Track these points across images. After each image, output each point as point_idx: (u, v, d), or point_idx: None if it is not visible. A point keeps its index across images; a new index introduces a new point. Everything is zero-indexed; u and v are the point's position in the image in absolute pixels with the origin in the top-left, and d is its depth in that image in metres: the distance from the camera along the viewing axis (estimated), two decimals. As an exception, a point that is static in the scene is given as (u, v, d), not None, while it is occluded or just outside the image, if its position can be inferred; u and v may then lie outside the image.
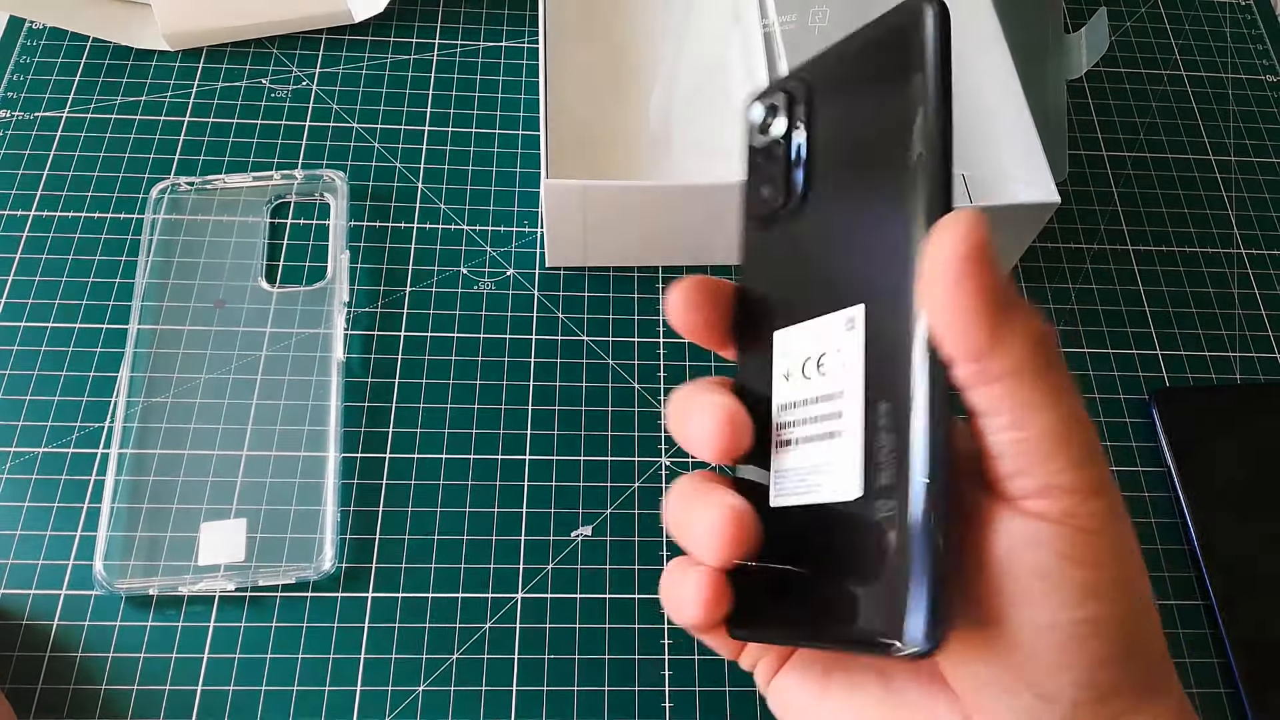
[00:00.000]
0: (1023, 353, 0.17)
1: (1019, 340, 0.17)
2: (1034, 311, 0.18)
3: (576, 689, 0.35)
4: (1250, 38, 0.54)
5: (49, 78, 0.46)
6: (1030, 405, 0.18)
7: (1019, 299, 0.18)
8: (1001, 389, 0.18)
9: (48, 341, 0.40)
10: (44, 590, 0.35)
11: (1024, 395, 0.18)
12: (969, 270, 0.17)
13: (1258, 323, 0.45)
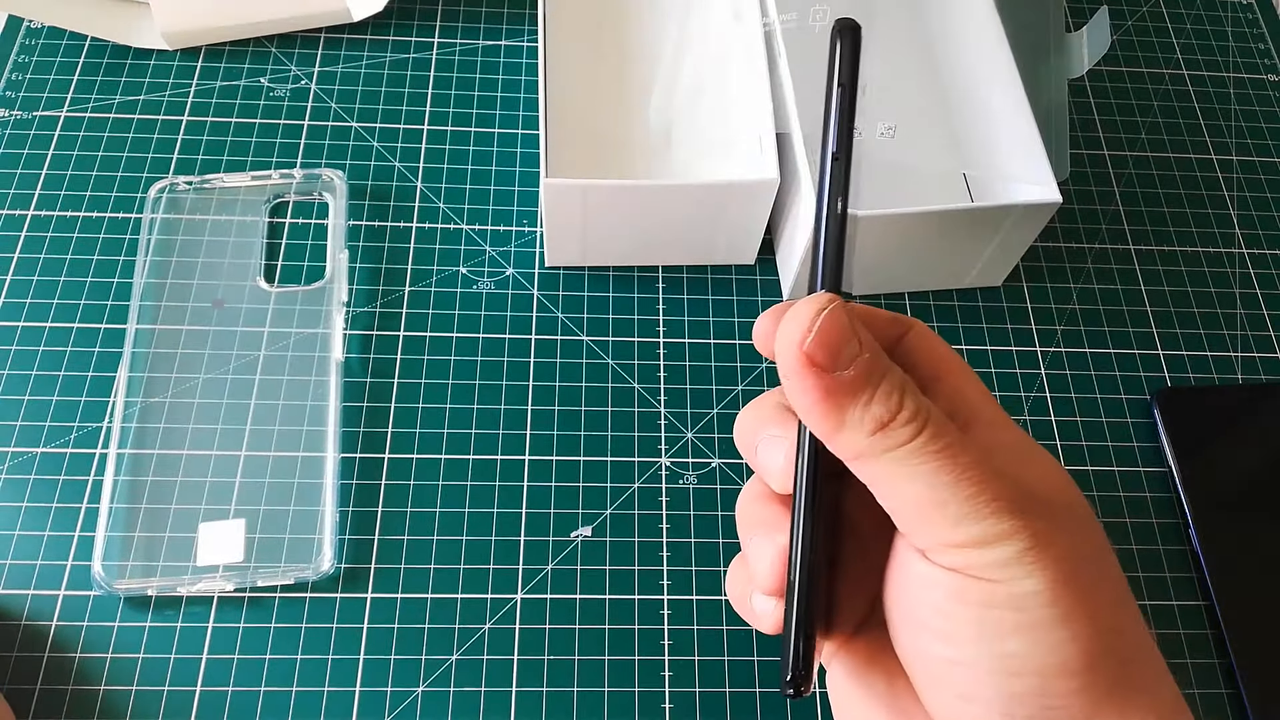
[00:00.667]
0: (864, 443, 0.19)
1: (861, 430, 0.19)
2: (892, 386, 0.19)
3: (576, 690, 0.35)
4: (1252, 36, 0.54)
5: (47, 77, 0.46)
6: (889, 481, 0.19)
7: (866, 387, 0.19)
8: (861, 471, 0.19)
9: (46, 341, 0.40)
10: (42, 591, 0.35)
11: (876, 478, 0.19)
12: (804, 365, 0.19)
13: (1260, 322, 0.45)
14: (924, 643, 0.19)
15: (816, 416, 0.19)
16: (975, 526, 0.18)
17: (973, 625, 0.18)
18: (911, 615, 0.19)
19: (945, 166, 0.44)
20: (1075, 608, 0.18)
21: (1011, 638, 0.18)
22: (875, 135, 0.41)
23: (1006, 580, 0.18)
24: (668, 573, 0.37)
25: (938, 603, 0.19)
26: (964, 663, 0.18)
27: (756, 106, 0.41)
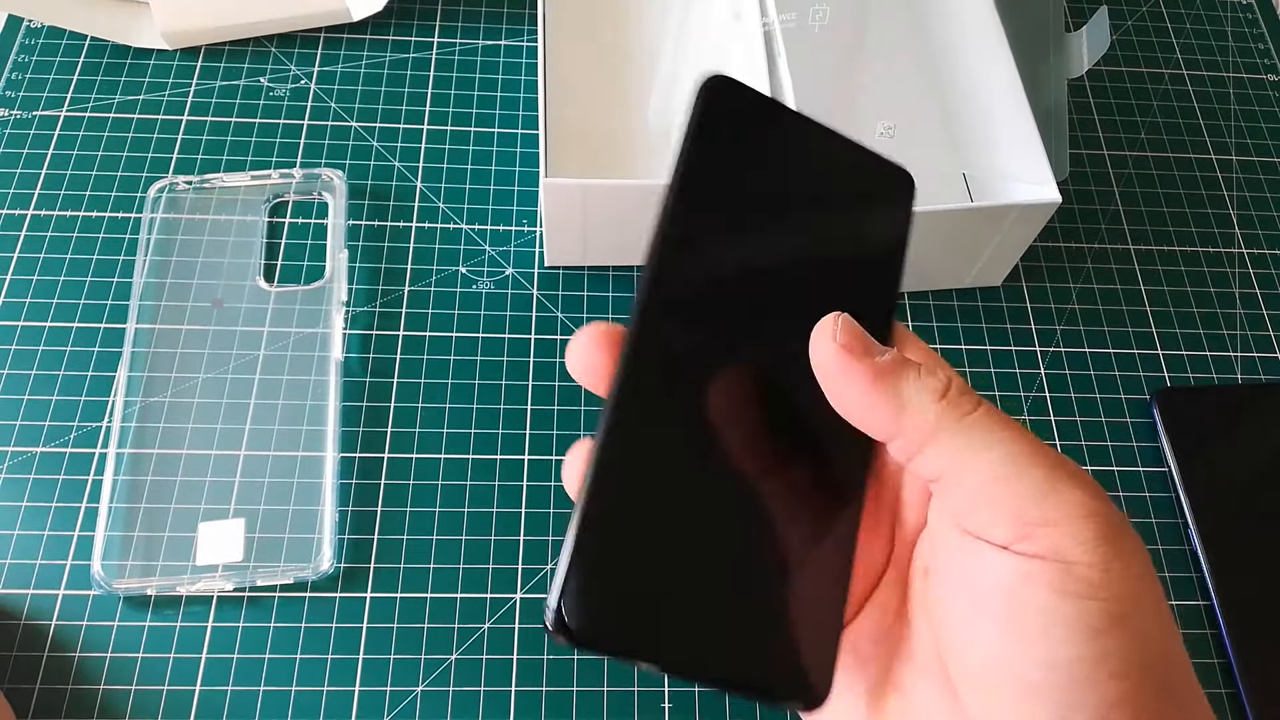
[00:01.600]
0: (931, 413, 0.18)
1: (925, 403, 0.18)
2: (933, 365, 0.19)
3: (575, 689, 0.35)
4: (1251, 36, 0.54)
5: (47, 76, 0.46)
6: (961, 459, 0.18)
7: (911, 362, 0.19)
8: (931, 453, 0.18)
9: (45, 341, 0.40)
10: (42, 590, 0.35)
11: (951, 453, 0.18)
12: (846, 355, 0.19)
13: (1259, 322, 0.45)
14: (979, 638, 0.18)
15: (873, 404, 0.18)
16: (1060, 495, 0.17)
17: (1044, 615, 0.17)
18: (963, 612, 0.18)
19: (944, 166, 0.44)
20: (1158, 604, 0.17)
21: (1091, 630, 0.16)
22: (875, 135, 0.41)
23: (1104, 562, 0.17)
24: (667, 572, 0.37)
25: (1007, 592, 0.17)
26: (1028, 657, 0.17)
27: (756, 106, 0.41)
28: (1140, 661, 0.17)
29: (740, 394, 0.20)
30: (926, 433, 0.18)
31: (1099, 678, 0.16)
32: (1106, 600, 0.17)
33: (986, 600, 0.17)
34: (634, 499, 0.19)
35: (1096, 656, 0.16)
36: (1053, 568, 0.17)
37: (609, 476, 0.19)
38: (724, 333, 0.21)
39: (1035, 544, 0.17)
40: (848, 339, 0.19)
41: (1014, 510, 0.17)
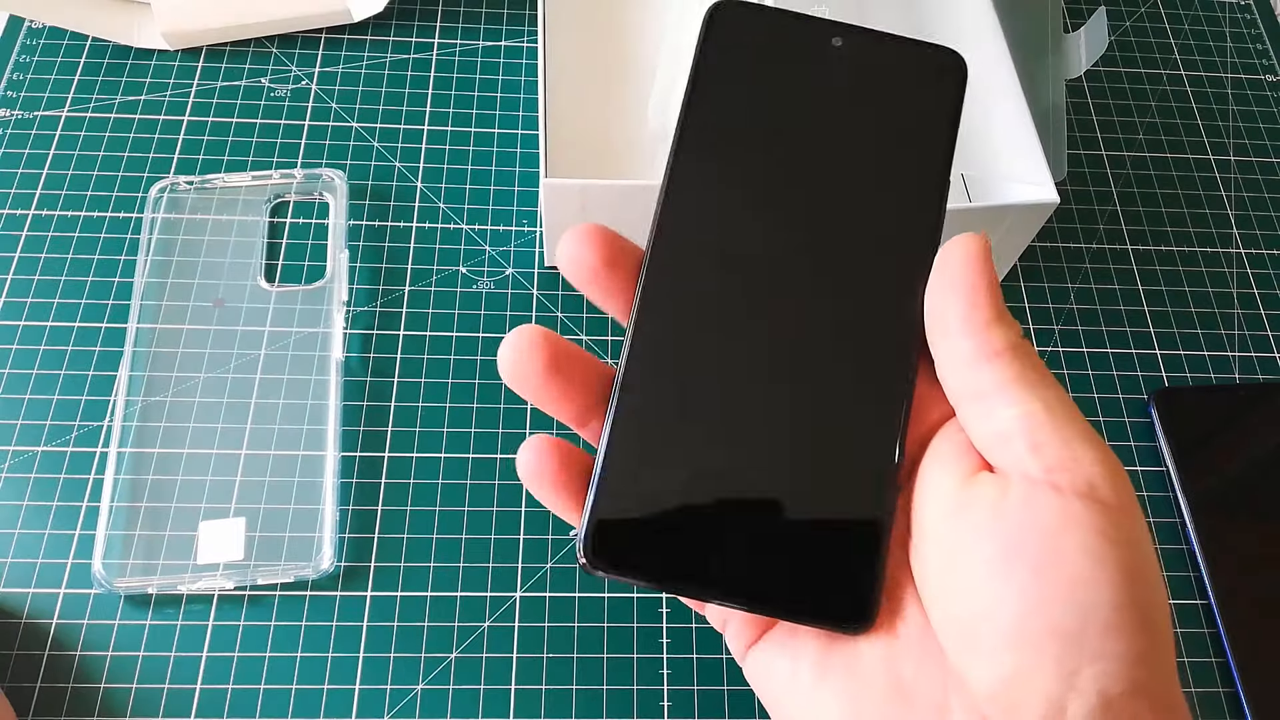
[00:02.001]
0: (1017, 333, 0.19)
1: (1014, 324, 0.19)
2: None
3: (575, 688, 0.35)
4: (1250, 37, 0.54)
5: (48, 77, 0.46)
6: (1031, 380, 0.18)
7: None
8: (1004, 363, 0.18)
9: (46, 340, 0.40)
10: (43, 589, 0.35)
11: (1025, 370, 0.18)
12: (985, 263, 0.19)
13: (1257, 323, 0.45)
14: (1001, 583, 0.17)
15: (993, 301, 0.19)
16: (1096, 445, 0.18)
17: (1090, 559, 0.16)
18: (983, 554, 0.17)
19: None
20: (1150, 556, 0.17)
21: (1131, 576, 0.16)
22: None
23: (1133, 510, 0.17)
24: (666, 571, 0.37)
25: (1046, 532, 0.17)
26: (1067, 601, 0.16)
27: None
28: (1162, 616, 0.17)
29: (764, 304, 0.20)
30: (1005, 344, 0.18)
31: (1133, 627, 0.16)
32: (1140, 547, 0.17)
33: (1020, 542, 0.17)
34: (659, 419, 0.19)
35: (1133, 604, 0.16)
36: (1096, 509, 0.17)
37: (632, 399, 0.19)
38: (748, 247, 0.20)
39: (1071, 476, 0.17)
40: (987, 248, 0.19)
41: (1060, 439, 0.17)
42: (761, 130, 0.21)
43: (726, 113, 0.21)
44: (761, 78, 0.21)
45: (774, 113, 0.21)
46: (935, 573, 0.18)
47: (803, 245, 0.20)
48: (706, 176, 0.20)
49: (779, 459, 0.19)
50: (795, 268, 0.20)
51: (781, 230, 0.20)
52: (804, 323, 0.20)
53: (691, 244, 0.20)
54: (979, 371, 0.18)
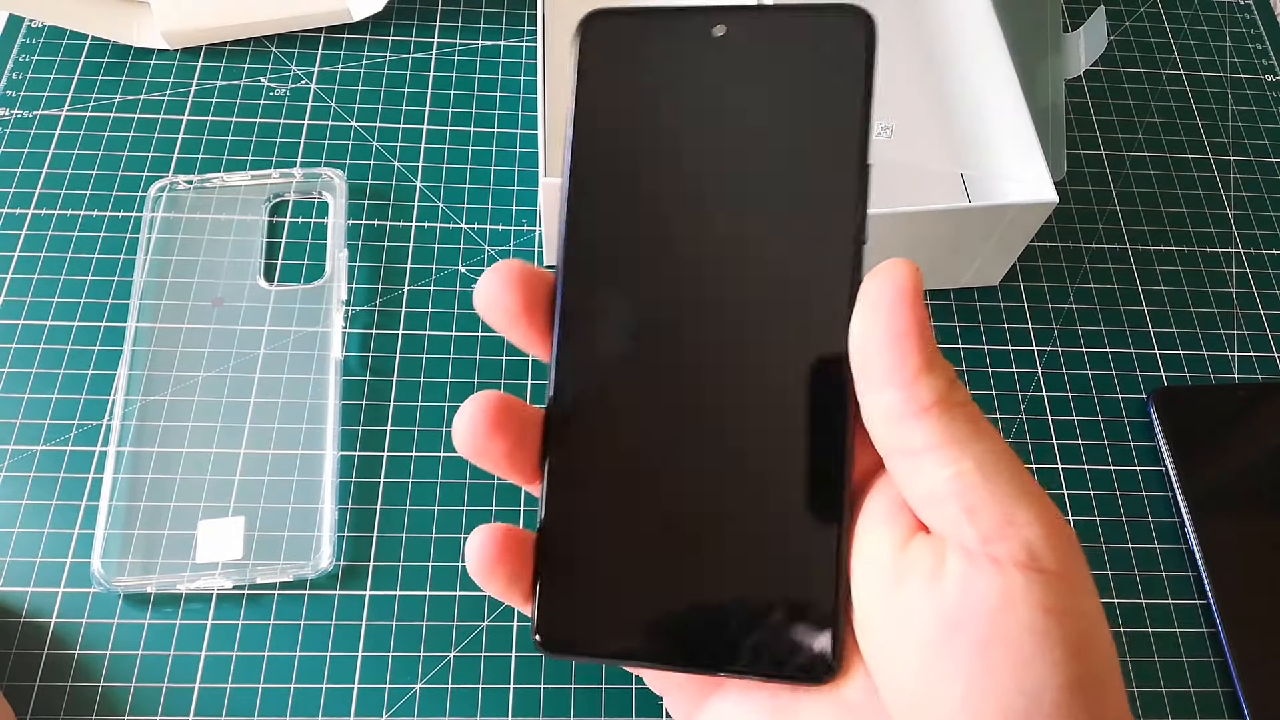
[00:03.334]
0: (948, 383, 0.17)
1: (945, 372, 0.17)
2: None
3: (573, 687, 0.35)
4: (1249, 37, 0.54)
5: (48, 76, 0.46)
6: (964, 436, 0.17)
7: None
8: (933, 418, 0.17)
9: (46, 339, 0.40)
10: (42, 588, 0.35)
11: (956, 426, 0.17)
12: (914, 300, 0.17)
13: (1256, 322, 0.45)
14: (944, 666, 0.16)
15: (908, 349, 0.17)
16: (1043, 502, 0.16)
17: (1035, 637, 0.16)
18: (924, 636, 0.17)
19: (942, 166, 0.44)
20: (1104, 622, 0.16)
21: (1078, 650, 0.16)
22: (873, 135, 0.41)
23: (1074, 574, 0.16)
24: (665, 571, 0.37)
25: (988, 612, 0.16)
26: (1013, 684, 0.16)
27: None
28: (1113, 680, 0.16)
29: (689, 349, 0.18)
30: (935, 398, 0.17)
31: (1081, 704, 0.16)
32: (1085, 615, 0.16)
33: (960, 621, 0.16)
34: (593, 491, 0.18)
35: (1080, 681, 0.16)
36: (1036, 582, 0.16)
37: (563, 471, 0.18)
38: (661, 286, 0.19)
39: (1009, 546, 0.16)
40: (917, 281, 0.17)
41: (995, 501, 0.16)
42: (653, 147, 0.19)
43: (612, 135, 0.19)
44: (645, 89, 0.19)
45: (664, 124, 0.19)
46: (878, 644, 0.18)
47: (717, 275, 0.18)
48: (605, 210, 0.19)
49: (725, 517, 0.18)
50: (714, 303, 0.18)
51: (692, 258, 0.19)
52: (732, 365, 0.18)
53: (599, 287, 0.19)
54: (908, 428, 0.17)
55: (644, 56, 0.19)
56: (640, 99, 0.19)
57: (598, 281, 0.19)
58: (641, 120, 0.19)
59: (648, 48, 0.19)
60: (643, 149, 0.19)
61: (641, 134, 0.19)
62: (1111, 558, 0.39)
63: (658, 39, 0.19)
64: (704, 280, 0.19)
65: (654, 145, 0.19)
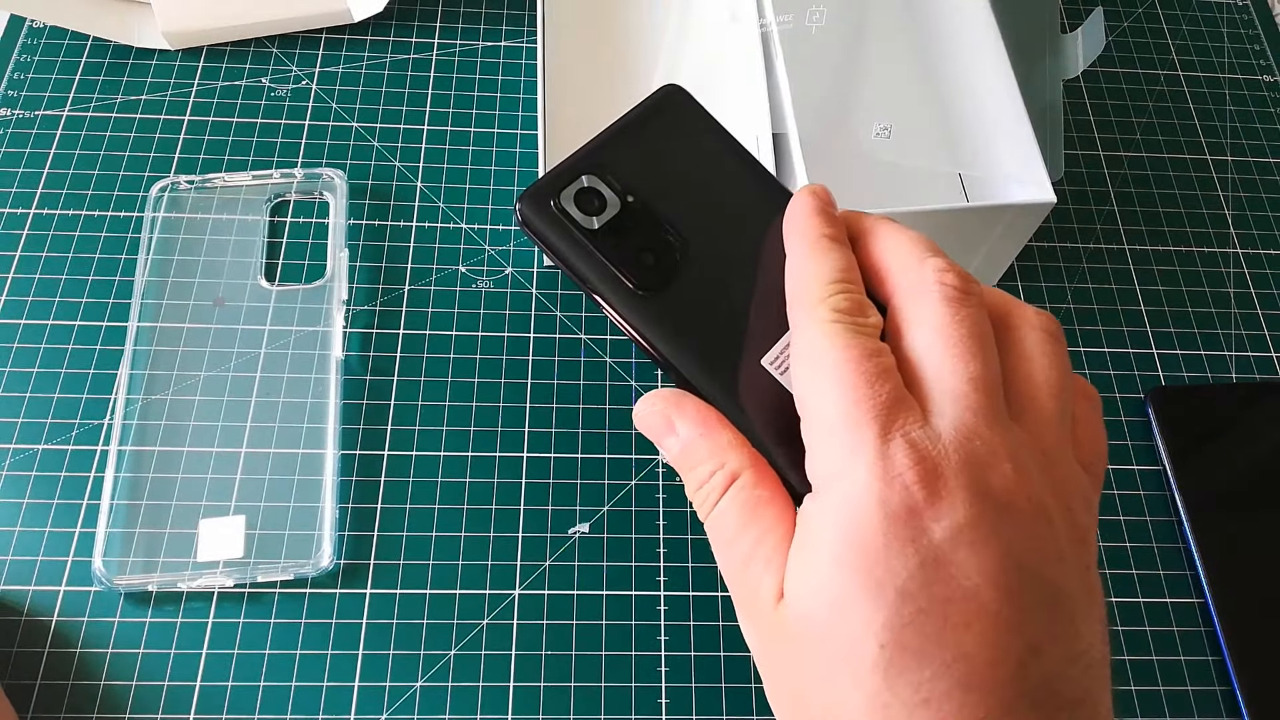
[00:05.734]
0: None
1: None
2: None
3: (573, 685, 0.35)
4: (1247, 38, 0.54)
5: (49, 76, 0.47)
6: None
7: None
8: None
9: (47, 339, 0.40)
10: (43, 586, 0.35)
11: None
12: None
13: (1253, 322, 0.45)
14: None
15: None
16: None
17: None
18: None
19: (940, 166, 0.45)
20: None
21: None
22: (871, 135, 0.41)
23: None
24: (664, 569, 0.37)
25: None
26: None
27: (753, 107, 0.41)
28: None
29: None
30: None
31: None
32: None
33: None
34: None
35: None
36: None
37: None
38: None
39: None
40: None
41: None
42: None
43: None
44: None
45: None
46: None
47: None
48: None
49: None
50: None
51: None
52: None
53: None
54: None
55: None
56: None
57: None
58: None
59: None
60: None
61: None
62: (1109, 557, 0.39)
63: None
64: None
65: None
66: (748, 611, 0.20)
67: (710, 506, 0.21)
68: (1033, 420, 0.20)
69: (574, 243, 0.22)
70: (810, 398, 0.20)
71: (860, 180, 0.43)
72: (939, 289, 0.20)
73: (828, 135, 0.41)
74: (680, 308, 0.22)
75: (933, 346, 0.20)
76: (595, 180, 0.22)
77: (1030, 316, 0.21)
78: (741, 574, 0.20)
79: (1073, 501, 0.20)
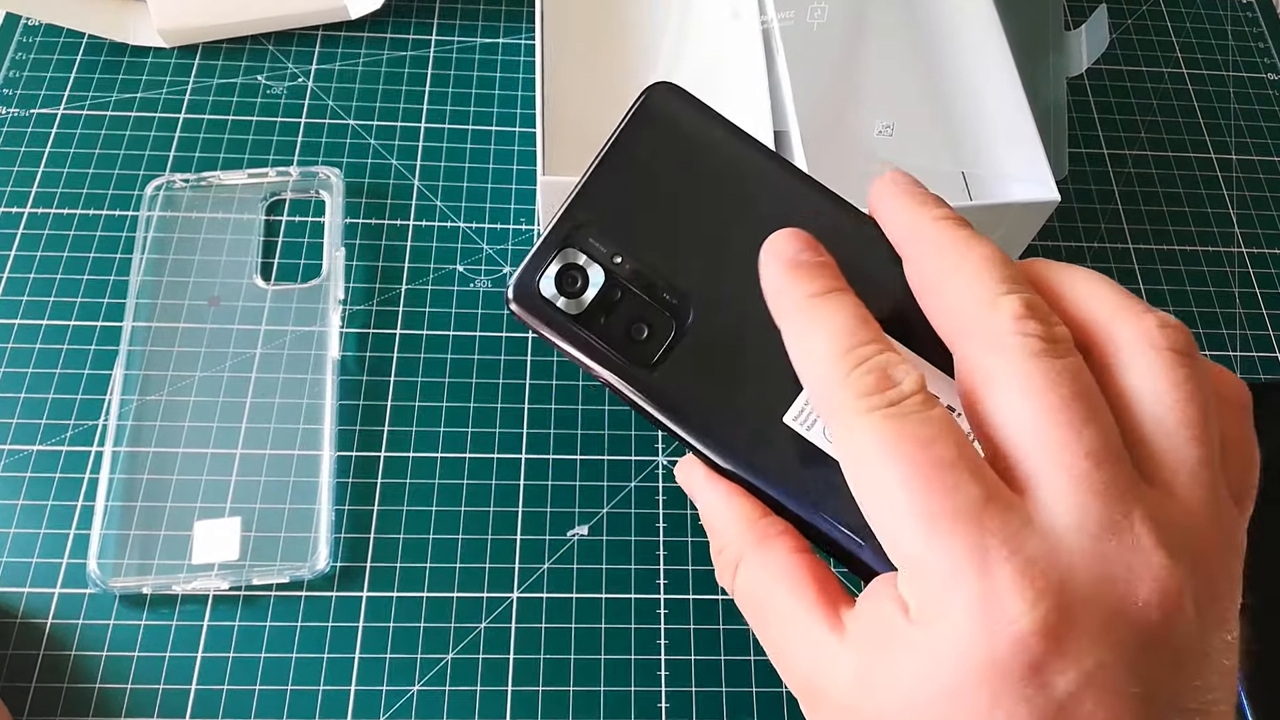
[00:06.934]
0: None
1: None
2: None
3: (572, 689, 0.35)
4: (1251, 35, 0.54)
5: (45, 74, 0.46)
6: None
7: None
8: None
9: (42, 339, 0.40)
10: (38, 589, 0.35)
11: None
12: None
13: (1258, 321, 0.45)
14: None
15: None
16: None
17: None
18: None
19: (943, 165, 0.44)
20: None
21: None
22: (873, 133, 0.41)
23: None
24: (664, 572, 0.37)
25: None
26: None
27: (754, 104, 0.41)
28: None
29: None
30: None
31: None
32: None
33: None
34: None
35: None
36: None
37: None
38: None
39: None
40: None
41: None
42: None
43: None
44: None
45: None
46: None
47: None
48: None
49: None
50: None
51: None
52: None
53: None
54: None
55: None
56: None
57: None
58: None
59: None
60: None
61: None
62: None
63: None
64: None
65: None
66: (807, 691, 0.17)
67: (730, 585, 0.19)
68: (1169, 477, 0.16)
69: (562, 330, 0.20)
70: (873, 516, 0.16)
71: (862, 178, 0.43)
72: (1014, 339, 0.16)
73: (829, 133, 0.41)
74: (684, 376, 0.20)
75: (1021, 414, 0.16)
76: (574, 253, 0.20)
77: (1144, 333, 0.17)
78: (782, 658, 0.18)
79: (1225, 564, 0.17)
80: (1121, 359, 0.16)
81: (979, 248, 0.17)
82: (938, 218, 0.18)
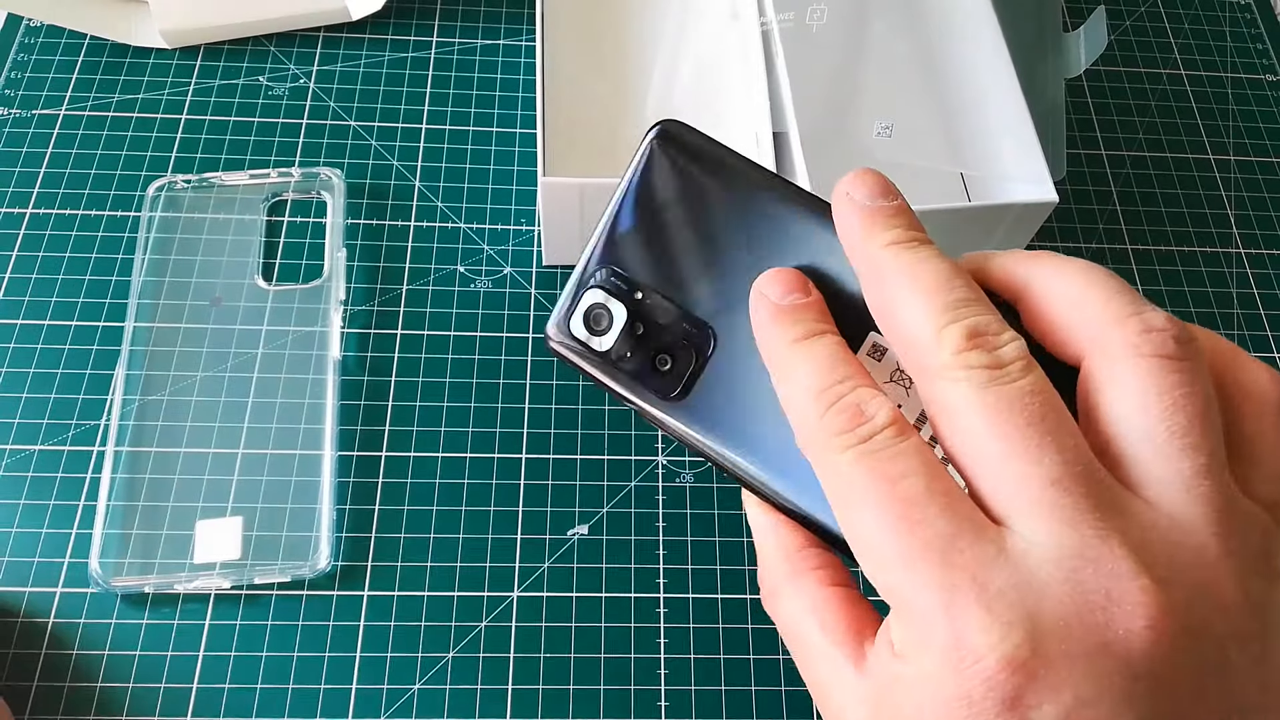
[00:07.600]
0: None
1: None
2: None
3: (572, 688, 0.35)
4: (1250, 37, 0.54)
5: (46, 75, 0.46)
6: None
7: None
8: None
9: (44, 339, 0.40)
10: (39, 588, 0.35)
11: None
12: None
13: (1256, 322, 0.45)
14: None
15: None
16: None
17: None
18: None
19: (941, 165, 0.44)
20: None
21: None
22: (872, 134, 0.41)
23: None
24: (664, 571, 0.37)
25: None
26: None
27: (754, 105, 0.41)
28: None
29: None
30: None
31: None
32: None
33: None
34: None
35: None
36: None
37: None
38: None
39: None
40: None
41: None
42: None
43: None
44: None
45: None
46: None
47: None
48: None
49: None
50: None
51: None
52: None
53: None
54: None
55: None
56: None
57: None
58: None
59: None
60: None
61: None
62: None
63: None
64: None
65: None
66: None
67: (773, 615, 0.20)
68: (1160, 491, 0.15)
69: (594, 364, 0.22)
70: (857, 555, 0.16)
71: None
72: (960, 374, 0.16)
73: (828, 134, 0.41)
74: (713, 402, 0.21)
75: (981, 449, 0.16)
76: (598, 292, 0.21)
77: (1127, 341, 0.16)
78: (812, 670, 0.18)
79: (1236, 573, 0.15)
80: (1107, 370, 0.16)
81: (924, 275, 0.17)
82: (885, 244, 0.18)
